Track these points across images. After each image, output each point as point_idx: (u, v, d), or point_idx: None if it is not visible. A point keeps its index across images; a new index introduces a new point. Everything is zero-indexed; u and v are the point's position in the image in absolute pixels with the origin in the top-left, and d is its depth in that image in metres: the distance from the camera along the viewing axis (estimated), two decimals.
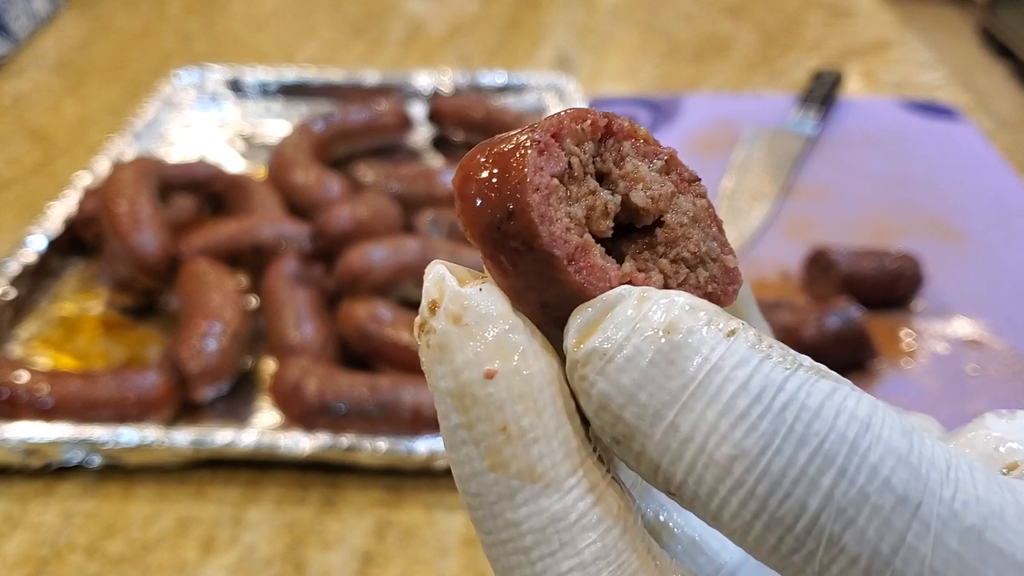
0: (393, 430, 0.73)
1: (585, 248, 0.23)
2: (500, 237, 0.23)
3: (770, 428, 0.20)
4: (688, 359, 0.21)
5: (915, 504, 0.20)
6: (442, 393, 0.23)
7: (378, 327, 0.80)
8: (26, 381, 0.74)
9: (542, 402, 0.22)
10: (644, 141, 0.26)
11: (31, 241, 0.92)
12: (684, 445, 0.21)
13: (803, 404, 0.20)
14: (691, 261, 0.25)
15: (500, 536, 0.22)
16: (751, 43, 1.48)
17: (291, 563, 0.67)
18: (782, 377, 0.21)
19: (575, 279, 0.23)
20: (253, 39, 1.49)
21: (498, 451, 0.22)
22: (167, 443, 0.71)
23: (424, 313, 0.23)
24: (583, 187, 0.24)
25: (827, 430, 0.20)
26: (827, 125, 1.20)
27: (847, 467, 0.20)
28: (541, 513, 0.22)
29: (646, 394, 0.21)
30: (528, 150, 0.23)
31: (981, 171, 1.12)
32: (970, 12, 3.54)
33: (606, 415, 0.22)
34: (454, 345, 0.22)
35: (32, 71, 1.38)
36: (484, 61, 1.41)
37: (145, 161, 0.98)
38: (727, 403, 0.20)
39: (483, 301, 0.23)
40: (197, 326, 0.79)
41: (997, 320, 0.88)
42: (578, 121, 0.24)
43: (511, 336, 0.23)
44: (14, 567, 0.67)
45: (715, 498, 0.21)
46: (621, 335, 0.21)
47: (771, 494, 0.20)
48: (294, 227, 0.92)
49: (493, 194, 0.23)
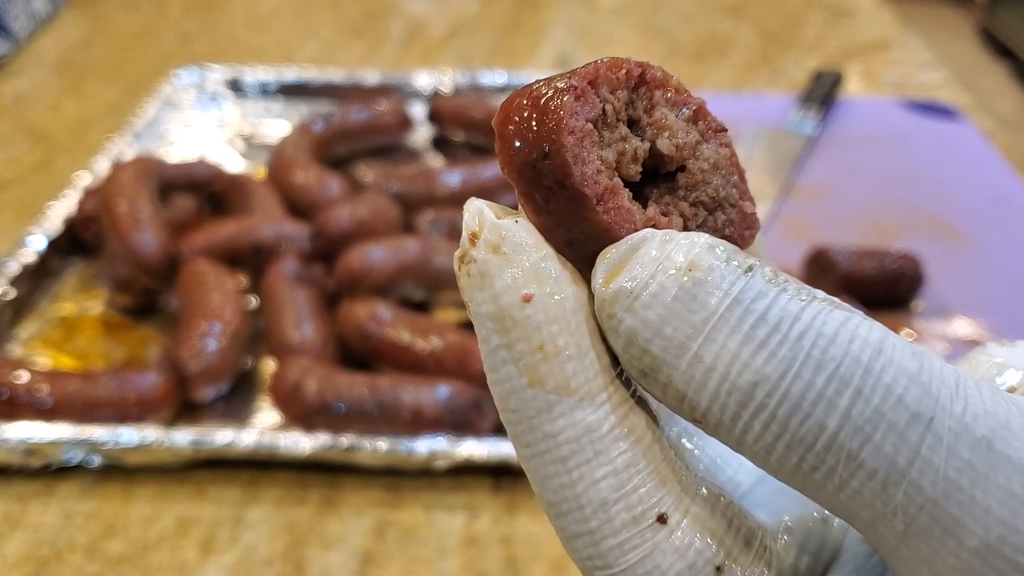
0: (393, 430, 0.73)
1: (614, 190, 0.25)
2: (535, 175, 0.25)
3: (789, 354, 0.21)
4: (709, 294, 0.22)
5: (927, 419, 0.21)
6: (483, 317, 0.24)
7: (378, 327, 0.80)
8: (26, 381, 0.74)
9: (574, 324, 0.24)
10: (675, 91, 0.27)
11: (31, 241, 0.92)
12: (708, 374, 0.22)
13: (819, 331, 0.21)
14: (710, 205, 0.26)
15: (539, 448, 0.24)
16: (751, 43, 1.48)
17: (291, 563, 0.67)
18: (798, 308, 0.22)
19: (603, 219, 0.24)
20: (253, 39, 1.49)
21: (536, 368, 0.24)
22: (167, 443, 0.71)
23: (464, 245, 0.25)
24: (615, 133, 0.26)
25: (842, 354, 0.21)
26: (827, 125, 1.20)
27: (862, 388, 0.21)
28: (576, 424, 0.23)
29: (671, 328, 0.22)
30: (566, 95, 0.24)
31: (981, 171, 1.12)
32: (970, 12, 3.54)
33: (634, 349, 0.23)
34: (494, 272, 0.24)
35: (32, 71, 1.38)
36: (484, 61, 1.40)
37: (145, 161, 0.98)
38: (747, 333, 0.22)
39: (519, 232, 0.25)
40: (197, 326, 0.79)
41: (997, 320, 0.88)
42: (614, 70, 0.26)
43: (545, 264, 0.24)
44: (14, 567, 0.67)
45: (739, 423, 0.22)
46: (646, 274, 0.23)
47: (792, 416, 0.21)
48: (294, 227, 0.92)
49: (531, 135, 0.24)
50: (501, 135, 0.25)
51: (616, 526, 0.23)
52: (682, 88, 0.27)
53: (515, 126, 0.25)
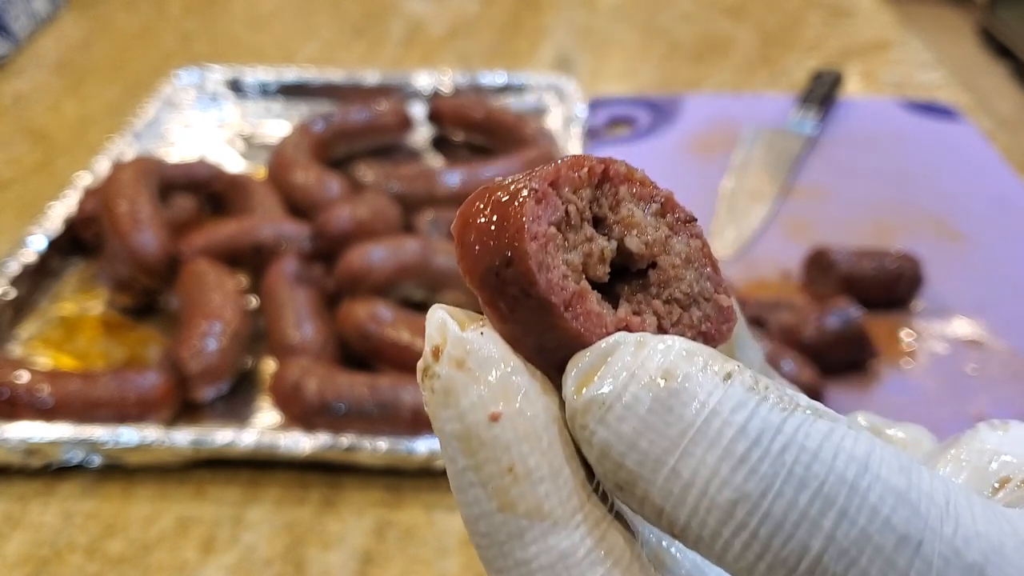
0: (393, 430, 0.73)
1: (582, 295, 0.24)
2: (498, 283, 0.23)
3: (770, 471, 0.20)
4: (686, 405, 0.21)
5: (916, 542, 0.20)
6: (448, 437, 0.23)
7: (378, 327, 0.80)
8: (26, 381, 0.75)
9: (546, 441, 0.23)
10: (641, 184, 0.26)
11: (31, 241, 0.92)
12: (686, 490, 0.21)
13: (802, 446, 0.21)
14: (684, 301, 0.25)
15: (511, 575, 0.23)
16: (751, 43, 1.48)
17: (291, 563, 0.67)
18: (780, 419, 0.21)
19: (572, 325, 0.23)
20: (253, 39, 1.49)
21: (506, 491, 0.22)
22: (167, 443, 0.71)
23: (427, 359, 0.24)
24: (580, 234, 0.25)
25: (826, 471, 0.20)
26: (827, 125, 1.20)
27: (848, 508, 0.20)
28: (550, 551, 0.22)
29: (646, 441, 0.21)
30: (526, 199, 0.23)
31: (981, 171, 1.12)
32: (970, 12, 3.54)
33: (608, 463, 0.22)
34: (459, 389, 0.23)
35: (32, 71, 1.38)
36: (484, 61, 1.41)
37: (145, 161, 0.98)
38: (726, 447, 0.21)
39: (484, 345, 0.23)
40: (197, 326, 0.79)
41: (997, 320, 0.88)
42: (575, 168, 0.25)
43: (513, 378, 0.23)
44: (14, 567, 0.67)
45: (718, 540, 0.21)
46: (619, 383, 0.22)
47: (773, 536, 0.20)
48: (294, 227, 0.92)
49: (492, 241, 0.23)
50: (461, 242, 0.24)
51: None
52: (647, 181, 0.26)
53: (475, 233, 0.24)
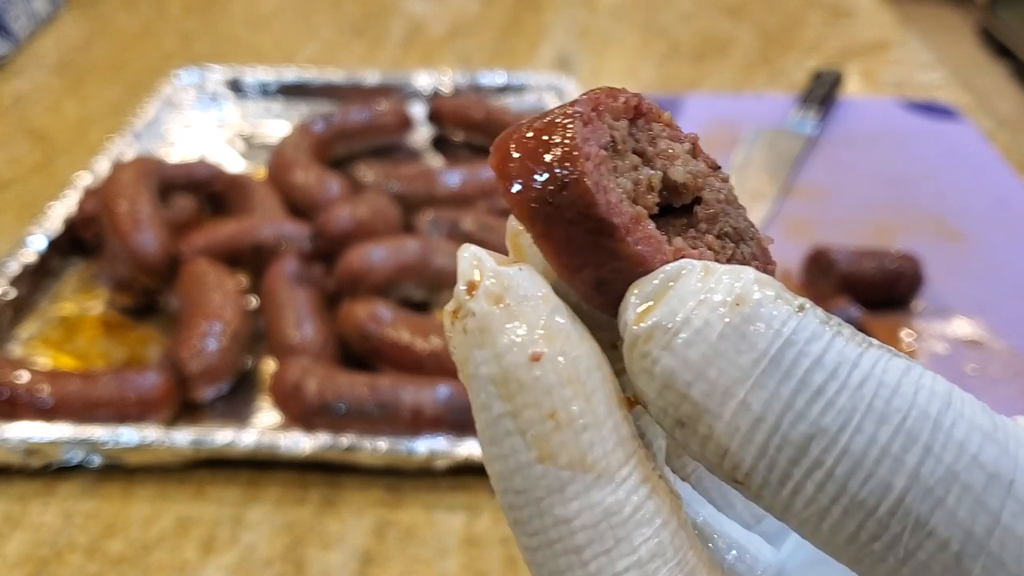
0: (393, 430, 0.73)
1: (639, 218, 0.22)
2: (552, 210, 0.22)
3: (848, 404, 0.19)
4: (760, 333, 0.20)
5: (1007, 481, 0.19)
6: (483, 380, 0.21)
7: (378, 327, 0.80)
8: (26, 381, 0.75)
9: (591, 386, 0.21)
10: (668, 125, 0.25)
11: (31, 241, 0.92)
12: (756, 425, 0.19)
13: (880, 380, 0.19)
14: (734, 236, 0.24)
15: (548, 536, 0.21)
16: (751, 43, 1.48)
17: (291, 563, 0.67)
18: (856, 353, 0.19)
19: (636, 249, 0.22)
20: (253, 39, 1.49)
21: (546, 440, 0.21)
22: (167, 443, 0.71)
23: (460, 296, 0.22)
24: (626, 161, 0.23)
25: (908, 406, 0.19)
26: (827, 125, 1.20)
27: (932, 444, 0.19)
28: (594, 507, 0.20)
29: (716, 370, 0.20)
30: (574, 120, 0.22)
31: (981, 171, 1.12)
32: (970, 12, 3.54)
33: (671, 394, 0.20)
34: (496, 327, 0.21)
35: (32, 71, 1.38)
36: (484, 61, 1.41)
37: (145, 161, 0.98)
38: (802, 379, 0.19)
39: (524, 281, 0.22)
40: (197, 326, 0.79)
41: (997, 320, 0.88)
42: (613, 98, 0.24)
43: (556, 318, 0.21)
44: (14, 567, 0.67)
45: (788, 483, 0.19)
46: (688, 307, 0.20)
47: (851, 475, 0.19)
48: (294, 227, 0.92)
49: (542, 167, 0.22)
50: (504, 174, 0.22)
51: None
52: (673, 123, 0.25)
53: (520, 161, 0.22)
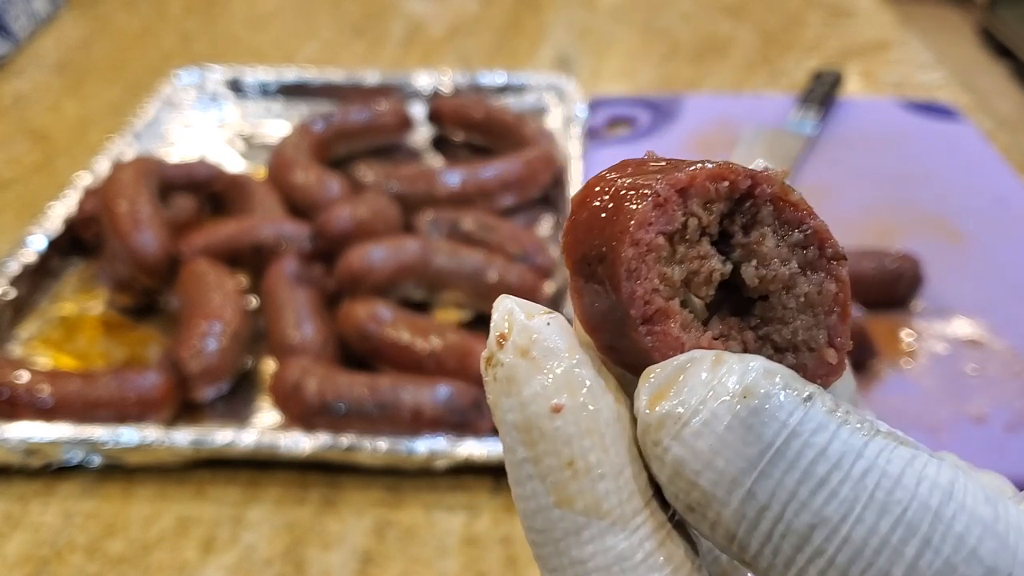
0: (393, 430, 0.73)
1: (665, 313, 0.23)
2: (589, 273, 0.23)
3: (851, 495, 0.20)
4: (766, 424, 0.20)
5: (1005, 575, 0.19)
6: (509, 427, 0.23)
7: (378, 327, 0.80)
8: (26, 381, 0.75)
9: (609, 439, 0.22)
10: (794, 207, 0.24)
11: (31, 241, 0.92)
12: (761, 513, 0.20)
13: (884, 471, 0.20)
14: (781, 345, 0.24)
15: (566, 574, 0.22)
16: (751, 43, 1.48)
17: (291, 563, 0.67)
18: (861, 443, 0.20)
19: (643, 341, 0.22)
20: (253, 39, 1.49)
21: (564, 487, 0.22)
22: (167, 443, 0.71)
23: (492, 347, 0.23)
24: (693, 250, 0.23)
25: (909, 498, 0.20)
26: (827, 125, 1.20)
27: (931, 536, 0.19)
28: (607, 551, 0.22)
29: (723, 460, 0.21)
30: (645, 201, 0.22)
31: (981, 171, 1.12)
32: (970, 12, 3.54)
33: (681, 482, 0.21)
34: (521, 378, 0.22)
35: (32, 71, 1.38)
36: (484, 61, 1.41)
37: (145, 161, 0.98)
38: (806, 469, 0.20)
39: (551, 335, 0.23)
40: (197, 326, 0.79)
41: (997, 320, 0.88)
42: (715, 180, 0.23)
43: (578, 371, 0.22)
44: (14, 567, 0.67)
45: (792, 568, 0.20)
46: (696, 399, 0.21)
47: (852, 563, 0.20)
48: (294, 227, 0.92)
49: (595, 232, 0.23)
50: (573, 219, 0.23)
51: None
52: (803, 205, 0.24)
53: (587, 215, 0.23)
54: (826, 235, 0.24)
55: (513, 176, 1.02)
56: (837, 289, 0.24)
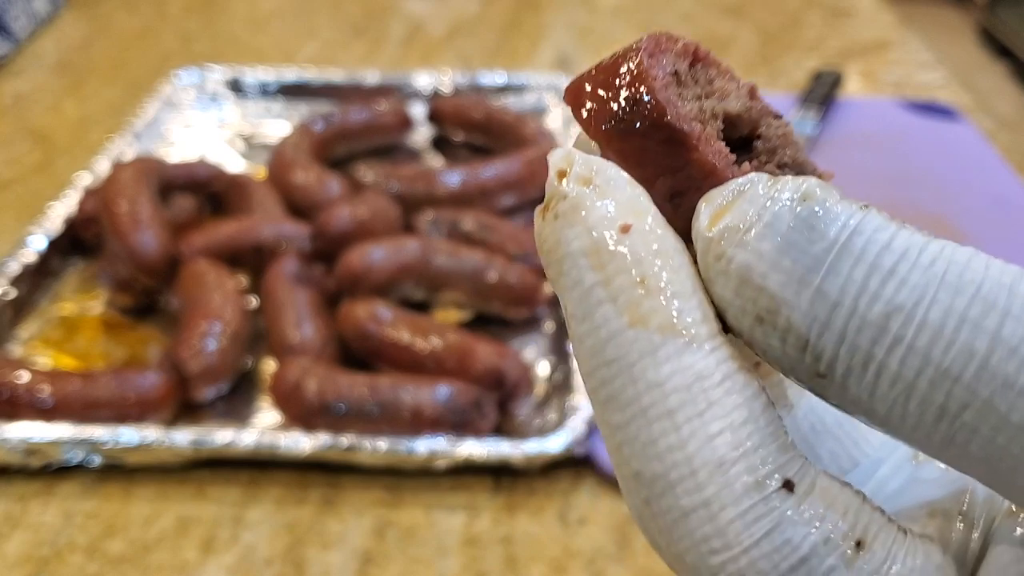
0: (393, 430, 0.73)
1: (709, 136, 0.23)
2: (626, 126, 0.23)
3: (922, 280, 0.19)
4: (828, 224, 0.20)
5: None
6: (576, 255, 0.22)
7: (378, 327, 0.80)
8: (26, 381, 0.74)
9: (677, 262, 0.22)
10: (726, 73, 0.26)
11: (31, 241, 0.92)
12: (834, 311, 0.20)
13: (951, 259, 0.20)
14: (795, 168, 0.25)
15: (641, 403, 0.21)
16: (751, 43, 1.48)
17: (291, 563, 0.67)
18: (923, 240, 0.20)
19: (708, 158, 0.23)
20: (253, 39, 1.49)
21: (638, 304, 0.21)
22: (167, 443, 0.71)
23: (552, 186, 0.23)
24: (689, 91, 0.25)
25: (981, 278, 0.19)
26: (827, 125, 1.20)
27: (1011, 307, 0.19)
28: (686, 370, 0.21)
29: (789, 259, 0.20)
30: (639, 53, 0.24)
31: (981, 171, 1.12)
32: (970, 12, 3.54)
33: (748, 289, 0.21)
34: (587, 204, 0.22)
35: (32, 71, 1.38)
36: (484, 61, 1.41)
37: (145, 161, 0.98)
38: (873, 262, 0.20)
39: (611, 167, 0.23)
40: (197, 326, 0.79)
41: None
42: (672, 41, 0.25)
43: (642, 199, 0.23)
44: (14, 567, 0.67)
45: (871, 364, 0.20)
46: (757, 206, 0.21)
47: (933, 344, 0.19)
48: (294, 227, 0.93)
49: (612, 90, 0.23)
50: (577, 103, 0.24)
51: (737, 491, 0.20)
52: (732, 71, 0.26)
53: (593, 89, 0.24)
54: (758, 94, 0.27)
55: (513, 176, 1.02)
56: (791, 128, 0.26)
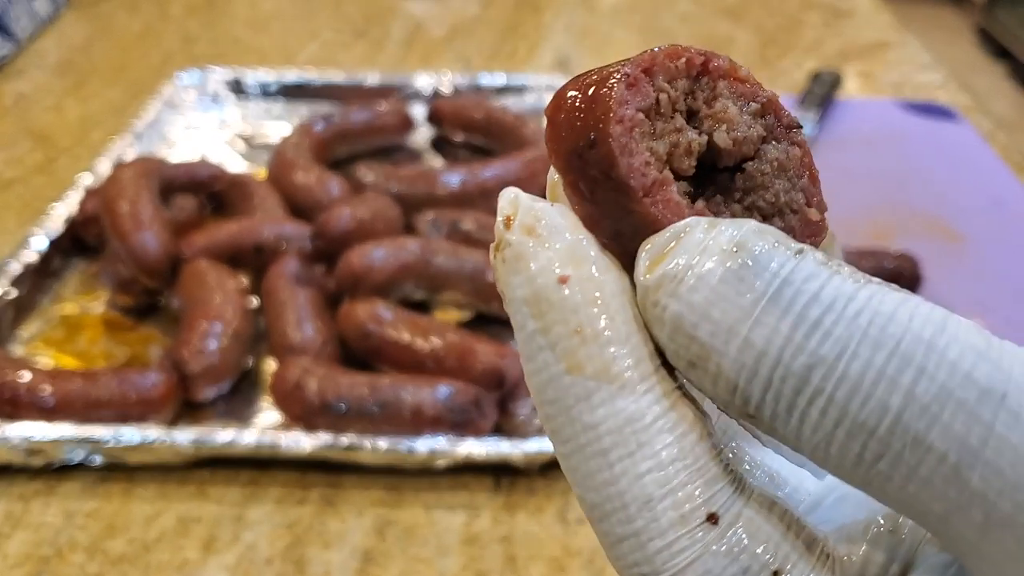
0: (393, 429, 0.73)
1: (662, 183, 0.24)
2: (581, 164, 0.24)
3: (845, 334, 0.20)
4: (758, 275, 0.21)
5: (1000, 395, 0.19)
6: (519, 302, 0.23)
7: (378, 327, 0.80)
8: (28, 381, 0.75)
9: (614, 308, 0.23)
10: (743, 82, 0.26)
11: (33, 241, 0.92)
12: (760, 360, 0.21)
13: (876, 310, 0.20)
14: (767, 211, 0.25)
15: (579, 441, 0.23)
16: (750, 44, 1.48)
17: (291, 562, 0.67)
18: (853, 289, 0.21)
19: (650, 211, 0.23)
20: (254, 40, 1.50)
21: (574, 353, 0.22)
22: (168, 442, 0.72)
23: (499, 230, 0.24)
24: (669, 124, 0.24)
25: (903, 332, 0.20)
26: (826, 126, 1.21)
27: (926, 365, 0.20)
28: (618, 414, 0.22)
29: (718, 311, 0.21)
30: (617, 83, 0.24)
31: (979, 171, 1.12)
32: (968, 13, 3.54)
33: (680, 337, 0.22)
34: (528, 254, 0.23)
35: (33, 72, 1.38)
36: (484, 62, 1.41)
37: (146, 161, 0.98)
38: (799, 314, 0.20)
39: (554, 214, 0.24)
40: (198, 326, 0.80)
41: (996, 320, 0.88)
42: (673, 59, 0.25)
43: (583, 245, 0.23)
44: (15, 566, 0.67)
45: (795, 411, 0.21)
46: (691, 258, 0.22)
47: (851, 398, 0.20)
48: (295, 227, 0.93)
49: (579, 122, 0.24)
50: (551, 121, 0.25)
51: (663, 526, 0.22)
52: (752, 79, 0.26)
53: (565, 113, 0.24)
54: (779, 105, 0.26)
55: (513, 176, 1.03)
56: (802, 153, 0.25)
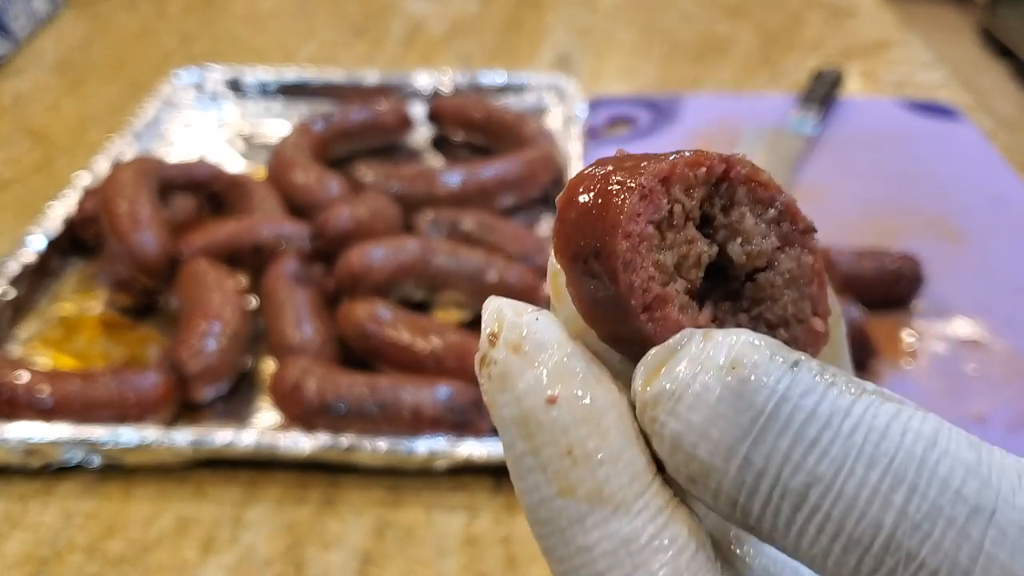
0: (393, 430, 0.73)
1: (664, 299, 0.24)
2: (585, 269, 0.24)
3: (841, 452, 0.21)
4: (756, 392, 0.21)
5: (989, 512, 0.20)
6: (507, 423, 0.23)
7: (378, 327, 0.80)
8: (26, 381, 0.74)
9: (605, 425, 0.23)
10: (763, 187, 0.26)
11: (31, 241, 0.92)
12: (759, 478, 0.21)
13: (870, 426, 0.21)
14: (772, 322, 0.25)
15: (573, 563, 0.23)
16: (751, 43, 1.48)
17: (291, 563, 0.67)
18: (848, 402, 0.21)
19: (647, 328, 0.23)
20: (253, 39, 1.49)
21: (565, 475, 0.22)
22: (167, 443, 0.71)
23: (484, 347, 0.24)
24: (680, 235, 0.24)
25: (895, 449, 0.21)
26: (827, 125, 1.20)
27: (918, 483, 0.20)
28: (612, 536, 0.22)
29: (717, 430, 0.21)
30: (631, 194, 0.23)
31: (981, 171, 1.12)
32: (970, 12, 3.54)
33: (680, 455, 0.22)
34: (515, 373, 0.23)
35: (32, 71, 1.38)
36: (484, 61, 1.40)
37: (145, 161, 0.98)
38: (797, 432, 0.21)
39: (540, 329, 0.24)
40: (197, 326, 0.79)
41: (997, 320, 0.88)
42: (693, 167, 0.24)
43: (569, 362, 0.23)
44: (13, 567, 0.67)
45: (793, 527, 0.21)
46: (688, 374, 0.22)
47: (847, 516, 0.21)
48: (294, 227, 0.92)
49: (587, 227, 0.24)
50: (561, 217, 0.24)
51: None
52: (772, 184, 0.26)
53: (576, 214, 0.24)
54: (796, 209, 0.26)
55: (513, 176, 1.02)
56: (813, 260, 0.26)
